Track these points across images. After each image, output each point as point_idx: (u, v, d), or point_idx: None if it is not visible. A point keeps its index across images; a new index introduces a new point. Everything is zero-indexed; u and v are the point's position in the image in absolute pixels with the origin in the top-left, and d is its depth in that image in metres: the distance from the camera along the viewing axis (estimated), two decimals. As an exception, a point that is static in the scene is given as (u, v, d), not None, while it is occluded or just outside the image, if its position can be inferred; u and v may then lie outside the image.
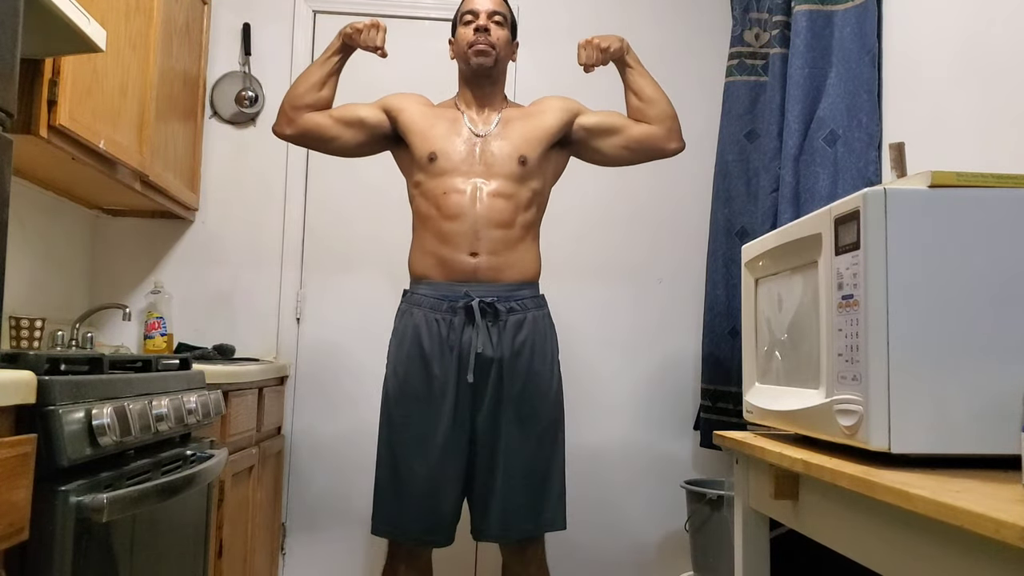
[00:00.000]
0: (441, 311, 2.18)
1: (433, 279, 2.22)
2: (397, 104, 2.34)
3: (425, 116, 2.30)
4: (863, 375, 1.15)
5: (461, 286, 2.18)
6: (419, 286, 2.24)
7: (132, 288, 3.10)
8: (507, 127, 2.29)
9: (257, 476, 2.59)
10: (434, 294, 2.20)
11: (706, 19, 3.28)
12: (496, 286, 2.19)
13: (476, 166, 2.23)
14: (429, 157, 2.23)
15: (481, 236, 2.18)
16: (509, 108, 2.37)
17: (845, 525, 1.20)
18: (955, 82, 1.91)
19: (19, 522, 1.15)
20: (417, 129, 2.28)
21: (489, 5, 2.31)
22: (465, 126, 2.28)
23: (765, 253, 1.56)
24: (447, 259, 2.19)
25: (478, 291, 2.17)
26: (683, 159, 3.29)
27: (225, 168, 3.16)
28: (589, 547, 3.15)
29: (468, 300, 2.16)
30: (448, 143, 2.24)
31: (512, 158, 2.23)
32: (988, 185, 1.18)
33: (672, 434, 3.19)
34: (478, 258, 2.18)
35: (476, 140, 2.26)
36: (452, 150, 2.23)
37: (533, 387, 2.20)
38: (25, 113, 1.87)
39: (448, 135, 2.26)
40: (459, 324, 2.16)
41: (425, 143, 2.25)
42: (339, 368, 3.15)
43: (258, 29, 3.19)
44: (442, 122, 2.29)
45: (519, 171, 2.23)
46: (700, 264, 3.03)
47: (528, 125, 2.30)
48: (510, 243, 2.21)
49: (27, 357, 1.27)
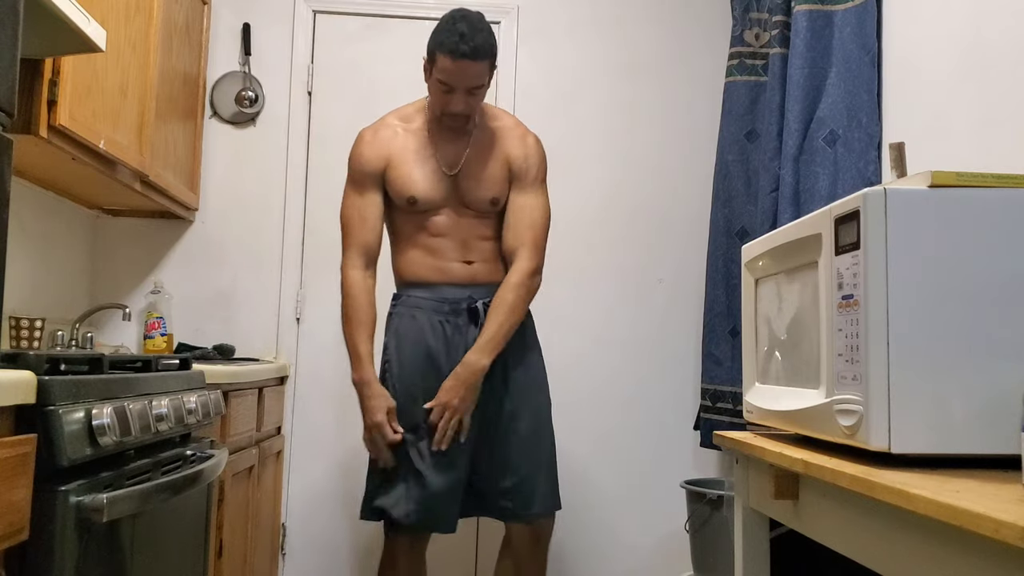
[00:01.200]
0: (443, 313, 2.22)
1: (431, 282, 2.25)
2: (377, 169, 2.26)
3: (398, 165, 2.25)
4: (863, 375, 1.15)
5: (462, 289, 2.24)
6: (415, 290, 2.26)
7: (132, 288, 3.10)
8: (474, 163, 2.27)
9: (257, 476, 2.59)
10: (434, 297, 2.23)
11: (706, 19, 3.28)
12: (493, 286, 2.25)
13: (452, 197, 2.26)
14: (409, 201, 2.25)
15: (472, 247, 2.26)
16: (478, 132, 2.30)
17: (845, 525, 1.20)
18: (955, 82, 1.91)
19: (19, 522, 1.15)
20: (397, 178, 2.25)
21: (469, 81, 2.15)
22: (438, 165, 2.26)
23: (765, 253, 1.56)
24: (442, 267, 2.25)
25: (478, 293, 2.24)
26: (683, 159, 3.30)
27: (225, 168, 3.16)
28: (589, 547, 3.15)
29: (471, 302, 2.21)
30: (424, 185, 2.24)
31: (485, 200, 2.27)
32: (988, 185, 1.18)
33: (672, 434, 3.19)
34: (474, 265, 2.26)
35: (448, 179, 2.26)
36: (428, 190, 2.24)
37: (531, 377, 2.29)
38: (25, 113, 1.87)
39: (422, 178, 2.24)
40: (463, 324, 2.22)
41: (404, 189, 2.24)
42: (339, 368, 3.14)
43: (258, 29, 3.19)
44: (416, 161, 2.25)
45: (490, 208, 2.29)
46: (700, 264, 3.03)
47: (494, 167, 2.27)
48: (496, 252, 2.29)
49: (27, 357, 1.27)
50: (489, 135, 2.31)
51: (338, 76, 3.22)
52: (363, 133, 2.32)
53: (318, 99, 3.21)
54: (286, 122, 3.18)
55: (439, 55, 2.13)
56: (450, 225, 2.25)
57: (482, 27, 2.13)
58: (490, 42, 2.14)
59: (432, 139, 2.27)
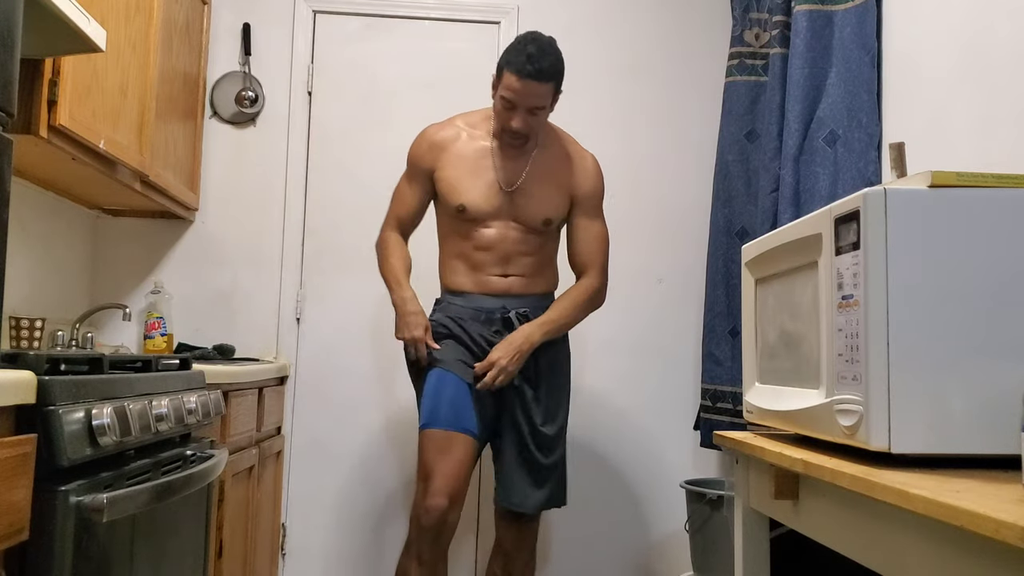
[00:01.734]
0: (480, 321, 2.32)
1: (469, 292, 2.35)
2: (431, 164, 2.35)
3: (454, 167, 2.33)
4: (863, 375, 1.15)
5: (497, 299, 2.33)
6: (454, 297, 2.37)
7: (132, 288, 3.10)
8: (534, 181, 2.34)
9: (257, 476, 2.59)
10: (471, 305, 2.34)
11: (706, 19, 3.28)
12: (527, 298, 2.36)
13: (504, 212, 2.32)
14: (458, 208, 2.32)
15: (512, 262, 2.35)
16: (539, 150, 2.36)
17: (845, 525, 1.20)
18: (955, 82, 1.91)
19: (19, 522, 1.15)
20: (446, 181, 2.33)
21: (533, 101, 2.21)
22: (495, 178, 2.32)
23: (765, 253, 1.56)
24: (482, 279, 2.34)
25: (512, 303, 2.33)
26: (683, 159, 3.30)
27: (225, 168, 3.16)
28: (589, 547, 3.15)
29: (505, 312, 2.32)
30: (477, 195, 2.31)
31: (538, 219, 2.34)
32: (988, 185, 1.18)
33: (672, 434, 3.19)
34: (510, 279, 2.35)
35: (504, 194, 2.32)
36: (482, 202, 2.31)
37: (557, 382, 2.39)
38: (25, 113, 1.87)
39: (477, 186, 2.31)
40: (496, 333, 2.31)
41: (455, 195, 2.32)
42: (339, 368, 3.15)
43: (258, 29, 3.19)
44: (471, 170, 2.32)
45: (543, 227, 2.37)
46: (700, 264, 3.03)
47: (554, 188, 2.36)
48: (538, 267, 2.39)
49: (27, 357, 1.27)
50: (550, 155, 2.38)
51: (338, 76, 3.22)
52: (427, 129, 2.41)
53: (318, 99, 3.21)
54: (286, 122, 3.18)
55: (506, 72, 2.21)
56: (496, 239, 2.32)
57: (552, 51, 2.21)
58: (557, 67, 2.22)
59: (493, 152, 2.33)
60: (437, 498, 2.16)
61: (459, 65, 3.23)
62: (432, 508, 2.15)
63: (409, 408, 3.16)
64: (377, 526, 3.12)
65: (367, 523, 3.12)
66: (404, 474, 3.13)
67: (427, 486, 2.18)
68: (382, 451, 3.14)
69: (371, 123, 3.21)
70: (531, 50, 2.17)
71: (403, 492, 3.12)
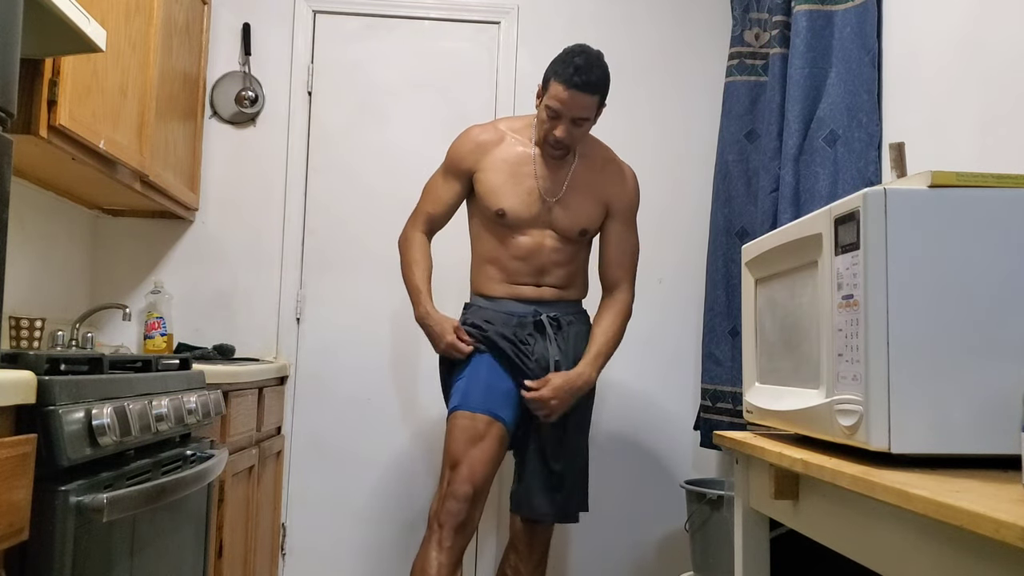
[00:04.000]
0: (511, 326, 2.31)
1: (499, 297, 2.36)
2: (472, 165, 2.35)
3: (496, 171, 2.33)
4: (863, 375, 1.15)
5: (528, 304, 2.34)
6: (484, 300, 2.37)
7: (132, 288, 3.10)
8: (574, 191, 2.35)
9: (257, 476, 2.59)
10: (502, 310, 2.34)
11: (706, 19, 3.28)
12: (558, 304, 2.37)
13: (542, 219, 2.33)
14: (497, 213, 2.32)
15: (547, 272, 2.36)
16: (580, 161, 2.38)
17: (845, 525, 1.20)
18: (955, 82, 1.91)
19: (19, 522, 1.15)
20: (486, 184, 2.33)
21: (577, 111, 2.23)
22: (536, 185, 2.32)
23: (765, 253, 1.56)
24: (514, 289, 2.35)
25: (545, 309, 2.34)
26: (683, 159, 3.30)
27: (225, 168, 3.16)
28: (589, 547, 3.15)
29: (537, 315, 2.32)
30: (517, 202, 2.31)
31: (574, 229, 2.36)
32: (988, 185, 1.18)
33: (672, 434, 3.19)
34: (542, 288, 2.36)
35: (543, 203, 2.33)
36: (521, 209, 2.32)
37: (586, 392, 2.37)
38: (25, 113, 1.87)
39: (516, 191, 2.31)
40: (529, 337, 2.31)
41: (494, 199, 2.32)
42: (339, 368, 3.15)
43: (258, 29, 3.19)
44: (512, 176, 2.32)
45: (579, 238, 2.39)
46: (700, 264, 3.03)
47: (592, 199, 2.37)
48: (571, 276, 2.40)
49: (27, 357, 1.27)
50: (589, 166, 2.39)
51: (338, 76, 3.22)
52: (471, 129, 2.42)
53: (318, 99, 3.21)
54: (286, 122, 3.18)
55: (553, 82, 2.22)
56: (533, 249, 2.33)
57: (599, 64, 2.23)
58: (604, 80, 2.24)
59: (535, 160, 2.34)
60: (464, 485, 2.16)
61: (459, 65, 3.23)
62: (459, 494, 2.16)
63: (410, 407, 3.16)
64: (377, 526, 3.12)
65: (367, 523, 3.12)
66: (404, 474, 3.13)
67: (455, 474, 2.19)
68: (382, 451, 3.14)
69: (371, 123, 3.21)
70: (579, 62, 2.18)
71: (403, 492, 3.12)
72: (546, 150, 2.32)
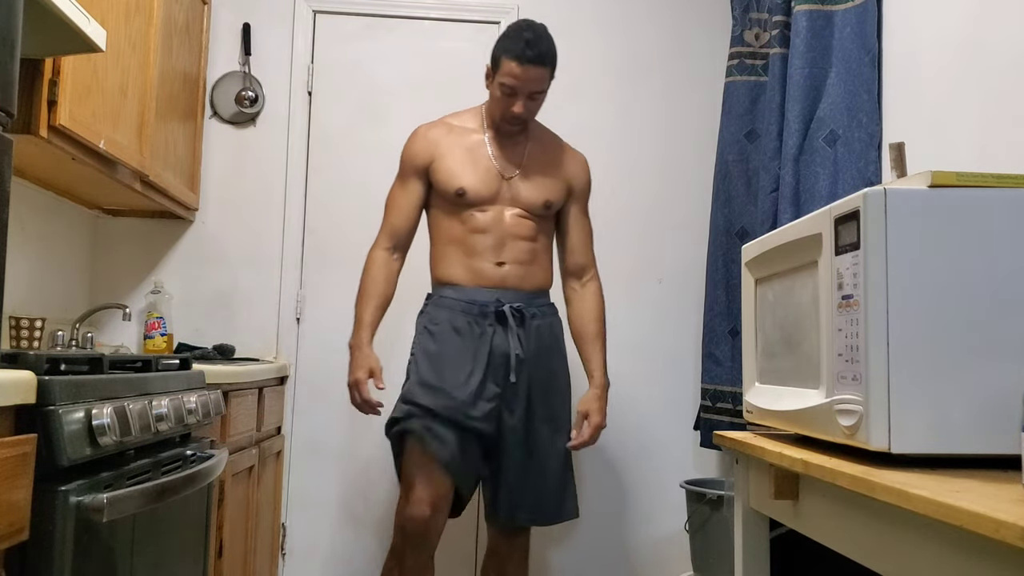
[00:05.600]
0: (472, 315, 2.26)
1: (462, 284, 2.29)
2: (424, 160, 2.34)
3: (450, 156, 2.32)
4: (863, 375, 1.15)
5: (491, 292, 2.28)
6: (446, 289, 2.31)
7: (132, 288, 3.10)
8: (532, 167, 2.34)
9: (257, 476, 2.59)
10: (463, 298, 2.28)
11: (706, 19, 3.28)
12: (521, 293, 2.30)
13: (503, 197, 2.31)
14: (457, 192, 2.29)
15: (507, 247, 2.29)
16: (534, 141, 2.38)
17: (845, 525, 1.20)
18: (955, 82, 1.91)
19: (19, 522, 1.15)
20: (444, 170, 2.31)
21: (532, 86, 2.25)
22: (493, 164, 2.32)
23: (765, 253, 1.56)
24: (475, 268, 2.29)
25: (506, 297, 2.28)
26: (683, 159, 3.30)
27: (225, 168, 3.16)
28: (589, 547, 3.15)
29: (499, 306, 2.26)
30: (475, 179, 2.30)
31: (537, 202, 2.33)
32: (988, 185, 1.18)
33: (672, 434, 3.19)
34: (504, 267, 2.29)
35: (503, 180, 2.32)
36: (480, 187, 2.30)
37: (554, 386, 2.35)
38: (25, 113, 1.87)
39: (475, 171, 2.30)
40: (489, 328, 2.26)
41: (452, 180, 2.30)
42: (339, 368, 3.12)
43: (258, 29, 3.19)
44: (467, 157, 2.31)
45: (543, 211, 2.35)
46: (700, 264, 3.03)
47: (552, 174, 2.37)
48: (533, 255, 2.33)
49: (27, 357, 1.27)
50: (544, 147, 2.40)
51: (338, 76, 3.22)
52: (418, 128, 2.42)
53: (318, 99, 3.21)
54: (286, 122, 3.18)
55: (504, 60, 2.23)
56: (492, 222, 2.28)
57: (547, 36, 2.26)
58: (553, 51, 2.27)
59: (489, 143, 2.34)
60: (420, 507, 2.15)
61: (459, 65, 3.22)
62: (415, 517, 2.15)
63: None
64: (377, 526, 3.11)
65: (367, 523, 3.12)
66: (404, 474, 3.13)
67: (409, 495, 2.17)
68: (382, 451, 3.13)
69: (371, 123, 3.21)
70: (528, 36, 2.21)
71: (403, 492, 3.12)
72: (503, 128, 2.32)
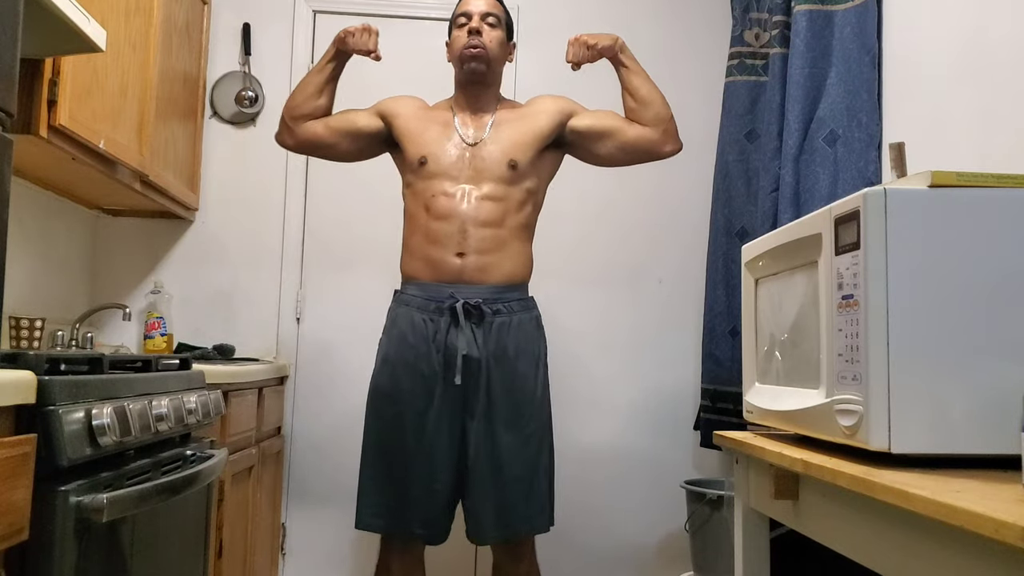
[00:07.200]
0: (428, 311, 2.18)
1: (421, 280, 2.22)
2: (392, 109, 2.36)
3: (418, 119, 2.32)
4: (863, 375, 1.15)
5: (448, 287, 2.18)
6: (408, 286, 2.26)
7: (132, 288, 3.10)
8: (499, 130, 2.29)
9: (257, 476, 2.59)
10: (422, 294, 2.21)
11: (706, 19, 3.28)
12: (482, 287, 2.18)
13: (466, 171, 2.24)
14: (419, 161, 2.26)
15: (469, 235, 2.18)
16: (503, 110, 2.36)
17: (845, 525, 1.20)
18: (955, 82, 1.91)
19: (19, 522, 1.15)
20: (409, 133, 2.30)
21: (482, 7, 2.32)
22: (456, 132, 2.29)
23: (765, 253, 1.56)
24: (435, 260, 2.19)
25: (464, 292, 2.17)
26: (683, 159, 3.28)
27: (225, 168, 3.16)
28: (589, 547, 3.15)
29: (453, 301, 2.15)
30: (439, 147, 2.26)
31: (502, 163, 2.24)
32: (988, 185, 1.18)
33: (672, 434, 3.19)
34: (464, 259, 2.18)
35: (467, 147, 2.27)
36: (442, 154, 2.25)
37: (518, 389, 2.19)
38: (25, 113, 1.87)
39: (439, 139, 2.27)
40: (444, 325, 2.16)
41: (416, 147, 2.28)
42: (339, 368, 3.15)
43: (258, 29, 3.19)
44: (434, 126, 2.30)
45: (509, 175, 2.24)
46: (700, 264, 3.03)
47: (520, 128, 2.30)
48: (499, 243, 2.21)
49: (27, 357, 1.27)
50: (511, 113, 2.36)
51: (338, 76, 3.21)
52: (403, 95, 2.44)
53: (318, 99, 3.21)
54: (286, 122, 3.18)
55: (457, 4, 2.36)
56: (452, 207, 2.18)
57: None
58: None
59: (455, 116, 2.33)
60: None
61: (459, 65, 3.22)
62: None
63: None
64: (377, 526, 3.11)
65: (367, 523, 3.12)
66: (404, 474, 3.13)
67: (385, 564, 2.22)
68: (382, 451, 3.14)
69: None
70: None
71: (403, 492, 3.12)
72: (466, 73, 2.30)
